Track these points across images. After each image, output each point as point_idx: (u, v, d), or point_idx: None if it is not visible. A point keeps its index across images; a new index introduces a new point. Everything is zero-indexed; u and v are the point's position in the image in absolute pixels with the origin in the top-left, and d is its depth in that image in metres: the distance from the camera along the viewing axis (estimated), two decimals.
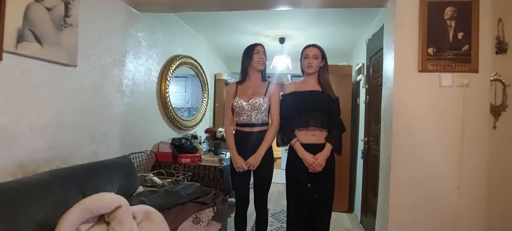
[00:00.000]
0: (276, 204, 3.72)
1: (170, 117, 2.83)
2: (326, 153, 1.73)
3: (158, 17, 2.61)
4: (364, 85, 3.02)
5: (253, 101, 1.84)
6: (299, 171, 1.77)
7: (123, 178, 1.73)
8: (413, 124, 1.75)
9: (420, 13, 1.75)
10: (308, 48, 1.83)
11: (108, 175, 1.62)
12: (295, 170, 1.79)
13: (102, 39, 1.99)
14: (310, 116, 1.75)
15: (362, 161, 2.98)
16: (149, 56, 2.53)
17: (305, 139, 1.76)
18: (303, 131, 1.77)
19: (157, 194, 1.69)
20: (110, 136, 2.07)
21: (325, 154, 1.73)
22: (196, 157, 2.65)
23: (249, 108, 1.86)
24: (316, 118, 1.75)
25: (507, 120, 1.84)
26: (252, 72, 1.93)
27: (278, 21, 3.05)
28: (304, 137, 1.77)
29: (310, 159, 1.71)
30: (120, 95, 2.17)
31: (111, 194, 1.33)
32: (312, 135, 1.76)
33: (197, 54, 3.42)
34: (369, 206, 2.74)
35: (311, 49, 1.82)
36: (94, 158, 1.89)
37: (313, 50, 1.81)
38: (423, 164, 1.73)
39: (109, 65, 2.05)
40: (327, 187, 1.81)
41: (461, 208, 1.67)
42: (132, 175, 1.82)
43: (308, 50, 1.82)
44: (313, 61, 1.79)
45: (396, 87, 1.78)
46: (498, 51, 1.84)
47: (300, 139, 1.77)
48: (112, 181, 1.62)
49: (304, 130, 1.76)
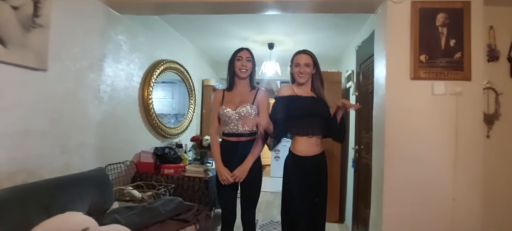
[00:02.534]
0: (265, 215, 3.59)
1: (153, 124, 2.68)
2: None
3: (140, 20, 2.48)
4: (354, 93, 2.97)
5: (240, 110, 1.73)
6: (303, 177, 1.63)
7: (96, 193, 1.57)
8: (406, 134, 1.68)
9: (411, 20, 1.70)
10: (299, 55, 1.69)
11: (79, 190, 1.47)
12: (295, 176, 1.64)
13: (78, 42, 1.84)
14: (311, 123, 1.63)
15: (353, 169, 2.91)
16: (130, 60, 2.39)
17: (308, 150, 1.63)
18: (305, 139, 1.63)
19: (133, 211, 1.54)
20: (85, 146, 1.92)
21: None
22: (180, 168, 2.50)
23: (236, 117, 1.74)
24: (318, 126, 1.64)
25: (500, 129, 1.81)
26: (238, 80, 1.82)
27: (267, 26, 2.98)
28: (306, 148, 1.63)
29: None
30: (97, 102, 2.02)
31: (78, 214, 1.19)
32: (316, 146, 1.64)
33: (183, 59, 3.29)
34: (360, 217, 2.66)
35: (303, 57, 1.68)
36: (66, 170, 1.72)
37: (304, 57, 1.67)
38: (417, 175, 1.66)
39: (85, 69, 1.90)
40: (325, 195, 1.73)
41: (457, 221, 1.61)
42: (106, 189, 1.67)
43: (299, 58, 1.68)
44: (305, 70, 1.66)
45: (388, 95, 1.71)
46: (490, 59, 1.81)
47: (301, 150, 1.63)
48: (82, 197, 1.47)
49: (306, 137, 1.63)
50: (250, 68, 1.80)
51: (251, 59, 1.81)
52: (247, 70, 1.78)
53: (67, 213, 1.21)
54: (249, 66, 1.79)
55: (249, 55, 1.81)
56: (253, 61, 1.82)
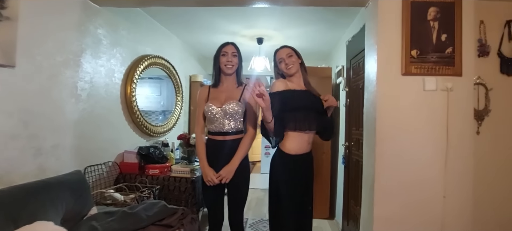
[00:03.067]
0: (255, 213, 3.54)
1: (137, 122, 2.57)
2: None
3: (121, 13, 2.35)
4: (344, 88, 2.93)
5: (226, 107, 1.65)
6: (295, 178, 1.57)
7: (72, 199, 1.46)
8: (397, 130, 1.65)
9: (403, 14, 1.65)
10: (279, 51, 1.67)
11: (52, 196, 1.36)
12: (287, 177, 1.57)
13: (51, 36, 1.71)
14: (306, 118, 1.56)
15: (343, 166, 2.88)
16: (111, 55, 2.26)
17: (300, 148, 1.56)
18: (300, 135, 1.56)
19: (112, 217, 1.44)
20: (61, 147, 1.80)
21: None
22: (165, 168, 2.41)
23: (221, 115, 1.66)
24: (314, 120, 1.58)
25: (490, 124, 1.80)
26: (224, 76, 1.74)
27: (256, 20, 2.89)
28: (299, 145, 1.56)
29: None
30: (74, 100, 1.90)
31: (48, 224, 1.09)
32: (308, 143, 1.58)
33: (169, 55, 3.17)
34: (350, 214, 2.64)
35: (283, 51, 1.66)
36: (40, 174, 1.61)
37: (284, 50, 1.65)
38: (408, 172, 1.63)
39: (59, 65, 1.77)
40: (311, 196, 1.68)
41: (448, 218, 1.59)
42: (84, 194, 1.56)
43: (280, 53, 1.66)
44: (290, 60, 1.62)
45: (379, 91, 1.67)
46: (480, 54, 1.79)
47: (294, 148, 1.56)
48: (56, 204, 1.36)
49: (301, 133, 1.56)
50: (236, 63, 1.71)
51: (237, 54, 1.72)
52: (233, 66, 1.70)
53: (36, 223, 1.11)
54: (235, 62, 1.71)
55: (235, 50, 1.72)
56: (239, 56, 1.74)
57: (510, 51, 1.80)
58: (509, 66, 1.79)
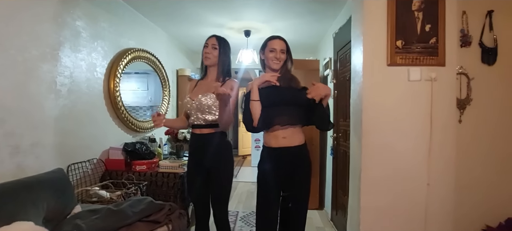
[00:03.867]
0: (245, 206, 3.55)
1: (122, 118, 2.50)
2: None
3: (102, 4, 2.26)
4: (332, 80, 2.94)
5: (201, 100, 1.63)
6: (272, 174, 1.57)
7: (54, 198, 1.41)
8: (383, 121, 1.66)
9: (388, 4, 1.65)
10: (275, 40, 1.59)
11: (32, 196, 1.31)
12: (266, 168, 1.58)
13: (25, 28, 1.63)
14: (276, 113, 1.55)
15: (331, 157, 2.91)
16: (92, 49, 2.17)
17: (274, 142, 1.56)
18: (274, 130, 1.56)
19: (97, 215, 1.40)
20: (41, 145, 1.73)
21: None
22: (153, 163, 2.36)
23: (194, 107, 1.66)
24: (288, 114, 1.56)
25: (472, 113, 1.84)
26: (209, 68, 1.74)
27: (243, 13, 2.85)
28: (274, 140, 1.57)
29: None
30: (53, 96, 1.82)
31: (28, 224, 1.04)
32: (282, 138, 1.56)
33: (155, 48, 3.08)
34: (339, 203, 2.69)
35: (278, 42, 1.59)
36: (19, 173, 1.54)
37: (280, 43, 1.59)
38: (394, 162, 1.66)
39: (36, 59, 1.69)
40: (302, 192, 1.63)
41: (431, 205, 1.63)
42: (66, 192, 1.51)
43: (275, 43, 1.58)
44: (280, 56, 1.58)
45: (365, 82, 1.67)
46: (463, 45, 1.82)
47: (269, 142, 1.58)
48: (37, 204, 1.31)
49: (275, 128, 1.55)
50: (216, 56, 1.68)
51: (217, 46, 1.69)
52: (210, 58, 1.68)
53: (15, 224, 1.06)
54: (215, 54, 1.68)
55: (216, 42, 1.69)
56: (220, 49, 1.70)
57: (491, 41, 1.84)
58: (490, 56, 1.84)
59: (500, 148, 1.85)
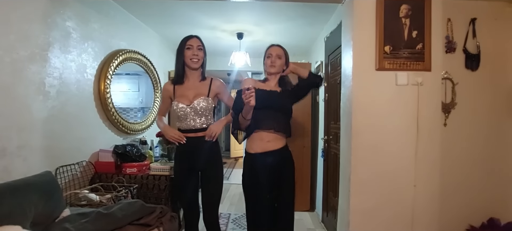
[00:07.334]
0: (237, 208, 3.56)
1: (112, 120, 2.47)
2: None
3: (92, 4, 2.23)
4: (323, 84, 2.99)
5: (196, 105, 1.63)
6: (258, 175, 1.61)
7: (42, 201, 1.39)
8: (372, 124, 1.71)
9: (377, 10, 1.71)
10: (272, 48, 1.73)
11: (19, 199, 1.28)
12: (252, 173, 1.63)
13: (13, 28, 1.60)
14: (266, 117, 1.60)
15: (322, 159, 2.95)
16: (82, 50, 2.15)
17: (259, 146, 1.60)
18: (258, 134, 1.60)
19: (86, 219, 1.39)
20: (28, 148, 1.69)
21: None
22: (144, 166, 2.34)
23: (192, 112, 1.64)
24: (273, 119, 1.61)
25: (456, 117, 1.91)
26: (190, 71, 1.70)
27: (235, 15, 2.86)
28: (259, 143, 1.61)
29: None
30: (42, 98, 1.79)
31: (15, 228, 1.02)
32: (267, 142, 1.60)
33: (146, 49, 3.06)
34: (329, 205, 2.73)
35: (275, 49, 1.72)
36: (5, 177, 1.50)
37: (277, 49, 1.72)
38: (383, 164, 1.70)
39: (24, 60, 1.66)
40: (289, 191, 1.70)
41: (418, 206, 1.68)
42: (55, 195, 1.49)
43: (272, 49, 1.72)
44: (276, 61, 1.68)
45: (354, 86, 1.72)
46: (448, 51, 1.89)
47: (253, 147, 1.62)
48: (24, 207, 1.28)
49: (259, 131, 1.60)
50: (202, 57, 1.69)
51: (202, 47, 1.69)
52: (198, 59, 1.67)
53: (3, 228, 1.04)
54: (201, 56, 1.68)
55: (200, 43, 1.70)
56: (204, 50, 1.71)
57: (474, 48, 1.91)
58: (473, 62, 1.91)
59: (483, 150, 1.92)
